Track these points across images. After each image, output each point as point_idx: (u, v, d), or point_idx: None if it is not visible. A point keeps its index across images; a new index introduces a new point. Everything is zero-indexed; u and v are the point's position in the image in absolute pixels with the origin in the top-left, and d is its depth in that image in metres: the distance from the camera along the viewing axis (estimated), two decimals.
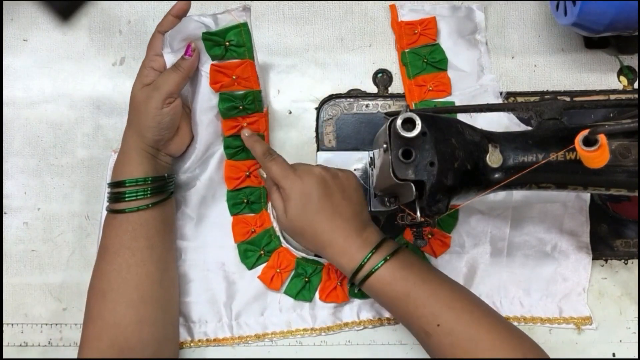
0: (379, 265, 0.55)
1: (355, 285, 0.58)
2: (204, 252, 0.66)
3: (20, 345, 0.66)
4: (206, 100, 0.62)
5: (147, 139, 0.59)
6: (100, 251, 0.60)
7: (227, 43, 0.60)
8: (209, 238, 0.66)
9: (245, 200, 0.66)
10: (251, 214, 0.66)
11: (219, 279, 0.66)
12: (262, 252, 0.66)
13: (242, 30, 0.59)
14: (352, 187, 0.60)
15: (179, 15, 0.60)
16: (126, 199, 0.58)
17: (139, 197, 0.58)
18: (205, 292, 0.66)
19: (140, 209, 0.58)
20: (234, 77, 0.61)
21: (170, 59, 0.61)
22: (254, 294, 0.66)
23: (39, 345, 0.66)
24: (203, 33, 0.59)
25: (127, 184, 0.59)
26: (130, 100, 0.60)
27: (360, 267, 0.56)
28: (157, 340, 0.58)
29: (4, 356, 0.66)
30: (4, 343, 0.66)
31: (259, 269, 0.66)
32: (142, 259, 0.58)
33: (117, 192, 0.59)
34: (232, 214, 0.66)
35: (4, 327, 0.66)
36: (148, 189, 0.59)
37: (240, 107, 0.63)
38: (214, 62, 0.61)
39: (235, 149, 0.65)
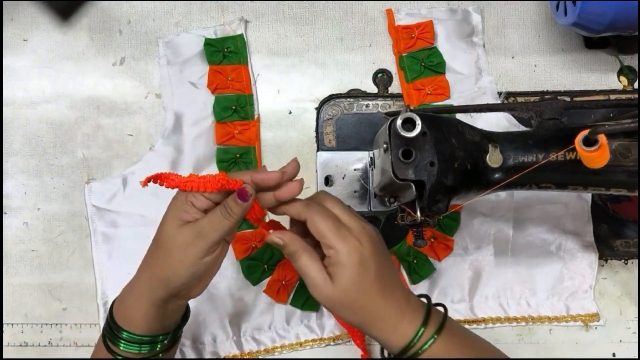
0: (432, 340, 0.48)
1: None
2: None
3: (20, 345, 0.66)
4: (199, 111, 0.67)
5: (170, 289, 0.49)
6: None
7: (225, 50, 0.68)
8: None
9: None
10: (250, 230, 0.66)
11: (225, 297, 0.66)
12: (265, 266, 0.66)
13: (239, 41, 0.68)
14: (384, 243, 0.51)
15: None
16: (121, 347, 0.51)
17: (136, 352, 0.51)
18: (212, 312, 0.65)
19: None
20: (229, 78, 0.67)
21: (165, 71, 0.67)
22: (261, 309, 0.66)
23: (39, 345, 0.66)
24: (205, 39, 0.68)
25: (124, 337, 0.50)
26: (161, 239, 0.49)
27: (413, 342, 0.48)
28: None
29: (4, 356, 0.66)
30: (4, 343, 0.66)
31: (264, 283, 0.66)
32: None
33: (115, 334, 0.51)
34: None
35: (4, 327, 0.66)
36: (148, 347, 0.51)
37: (234, 107, 0.67)
38: (213, 65, 0.67)
39: (227, 162, 0.66)
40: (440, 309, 0.52)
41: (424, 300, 0.52)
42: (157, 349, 0.52)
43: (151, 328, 0.51)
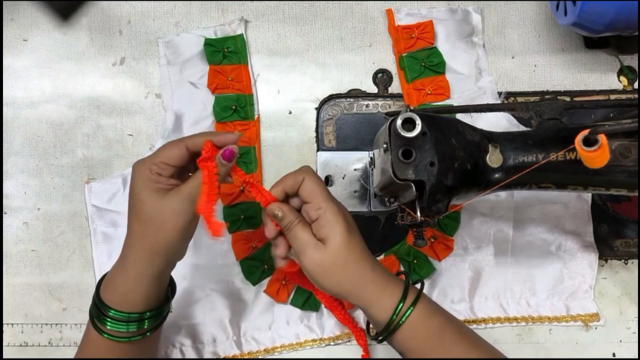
0: (409, 311, 0.50)
1: (387, 332, 0.50)
2: (206, 272, 0.66)
3: (20, 345, 0.66)
4: (199, 111, 0.67)
5: (168, 259, 0.51)
6: None
7: (225, 50, 0.68)
8: (210, 257, 0.66)
9: (242, 216, 0.66)
10: (250, 230, 0.66)
11: (224, 297, 0.66)
12: (265, 266, 0.66)
13: (239, 41, 0.68)
14: None
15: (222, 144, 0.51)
16: (107, 326, 0.51)
17: (124, 330, 0.51)
18: (211, 312, 0.65)
19: (131, 340, 0.52)
20: (229, 78, 0.67)
21: (165, 71, 0.67)
22: (261, 309, 0.66)
23: (39, 345, 0.66)
24: (205, 39, 0.68)
25: (111, 315, 0.51)
26: (147, 215, 0.49)
27: (396, 311, 0.50)
28: None
29: (4, 356, 0.66)
30: (4, 343, 0.66)
31: (264, 283, 0.66)
32: None
33: (102, 313, 0.51)
34: (231, 231, 0.66)
35: (4, 327, 0.66)
36: (136, 324, 0.51)
37: (234, 107, 0.67)
38: (213, 65, 0.67)
39: None
40: (417, 285, 0.54)
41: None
42: (145, 326, 0.52)
43: (149, 303, 0.52)
